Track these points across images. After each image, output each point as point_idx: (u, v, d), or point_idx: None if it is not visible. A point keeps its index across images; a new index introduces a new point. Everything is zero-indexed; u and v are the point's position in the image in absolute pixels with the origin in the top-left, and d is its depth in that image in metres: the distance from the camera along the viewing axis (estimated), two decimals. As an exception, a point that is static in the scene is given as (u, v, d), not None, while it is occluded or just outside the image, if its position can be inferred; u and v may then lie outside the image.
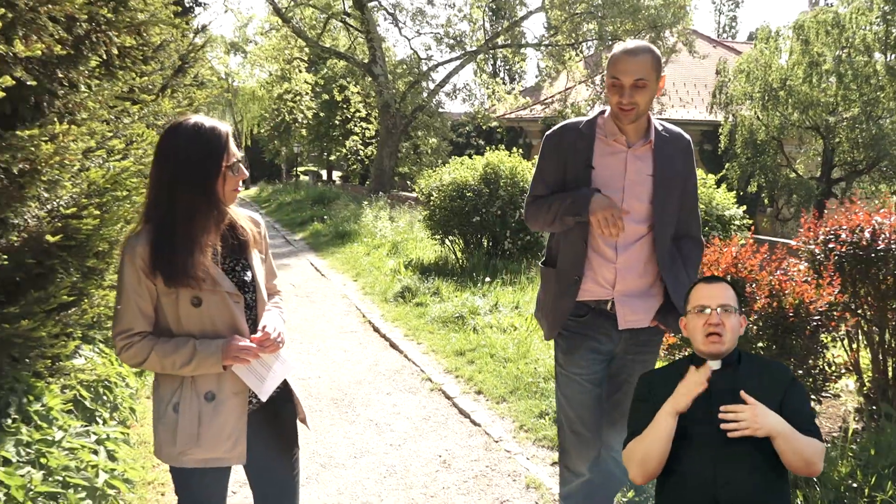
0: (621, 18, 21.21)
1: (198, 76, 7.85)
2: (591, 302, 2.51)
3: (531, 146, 24.66)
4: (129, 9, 3.00)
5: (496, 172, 9.04)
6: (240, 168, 1.99)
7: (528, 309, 6.74)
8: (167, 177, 1.90)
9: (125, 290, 1.92)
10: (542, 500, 3.46)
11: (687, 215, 2.57)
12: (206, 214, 1.92)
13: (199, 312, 1.94)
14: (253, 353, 1.97)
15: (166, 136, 1.93)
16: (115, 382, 3.98)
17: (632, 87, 2.32)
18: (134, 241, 1.92)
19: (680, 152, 2.51)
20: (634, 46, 2.36)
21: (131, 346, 1.92)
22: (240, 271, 2.05)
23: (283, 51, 24.10)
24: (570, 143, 2.47)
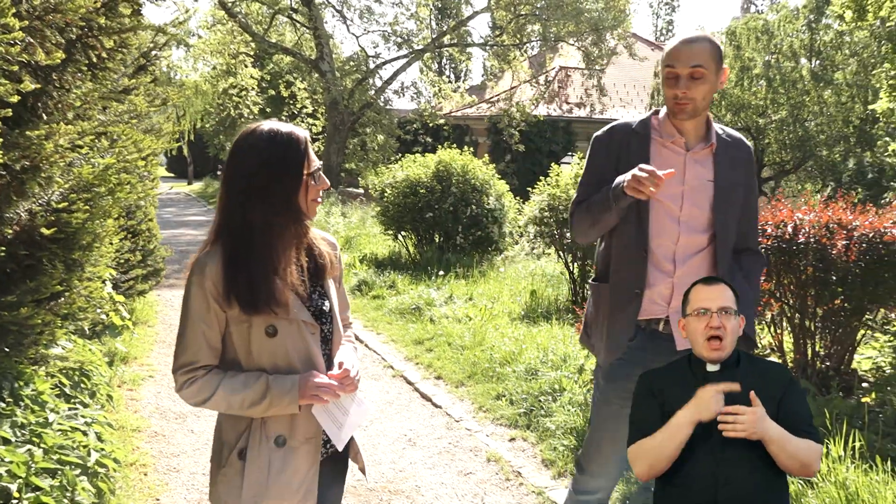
0: (564, 21, 21.77)
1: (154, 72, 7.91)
2: (641, 322, 2.28)
3: (477, 144, 25.06)
4: (118, 14, 3.18)
5: (448, 170, 9.36)
6: (321, 176, 1.79)
7: (480, 300, 7.09)
8: (242, 188, 1.69)
9: (191, 316, 1.71)
10: (501, 472, 3.79)
11: (747, 228, 2.36)
12: (287, 230, 1.72)
13: (274, 343, 1.72)
14: (332, 392, 1.73)
15: (240, 144, 1.73)
16: (91, 370, 4.13)
17: (688, 77, 2.14)
18: (204, 260, 1.71)
19: (742, 160, 2.32)
20: (693, 35, 2.18)
21: (194, 381, 1.71)
22: (317, 299, 1.82)
23: (228, 45, 23.87)
24: (623, 143, 2.29)
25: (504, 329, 5.96)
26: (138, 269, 5.94)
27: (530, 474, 3.73)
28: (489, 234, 9.32)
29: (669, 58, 2.17)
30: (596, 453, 2.41)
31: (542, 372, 4.79)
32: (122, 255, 5.52)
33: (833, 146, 20.52)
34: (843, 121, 20.02)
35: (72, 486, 2.92)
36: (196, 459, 3.92)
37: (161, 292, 7.90)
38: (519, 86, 23.83)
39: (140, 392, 4.89)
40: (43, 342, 3.51)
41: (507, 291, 7.52)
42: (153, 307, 7.21)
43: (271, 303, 1.68)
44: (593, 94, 23.58)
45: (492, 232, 9.34)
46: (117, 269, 5.44)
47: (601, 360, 2.38)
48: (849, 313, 4.30)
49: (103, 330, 5.46)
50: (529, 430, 4.24)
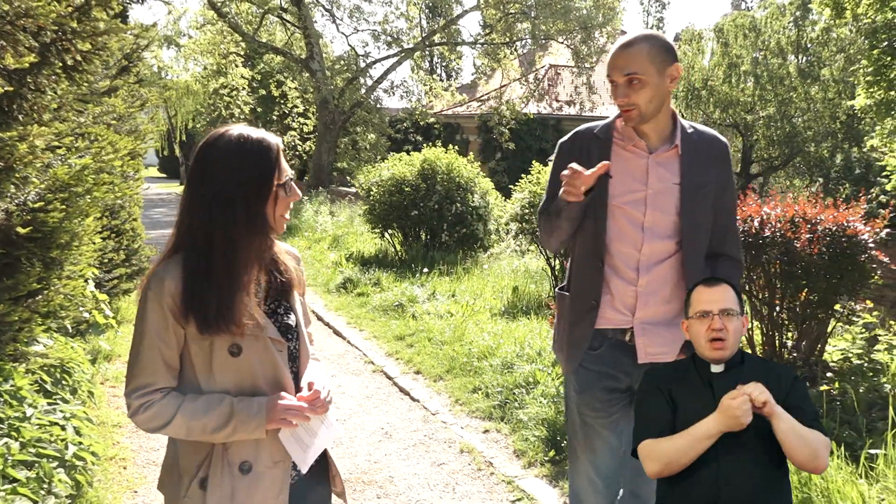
0: (553, 19, 21.86)
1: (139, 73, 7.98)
2: (607, 331, 2.22)
3: (468, 142, 25.18)
4: (91, 18, 3.26)
5: (433, 168, 9.45)
6: (292, 187, 1.67)
7: (463, 297, 7.18)
8: (204, 199, 1.59)
9: (147, 335, 1.58)
10: (473, 462, 3.88)
11: (722, 231, 2.25)
12: (251, 244, 1.61)
13: (238, 363, 1.61)
14: (302, 415, 1.63)
15: (204, 150, 1.63)
16: (72, 367, 4.21)
17: (625, 84, 2.05)
18: (161, 273, 1.59)
19: (713, 158, 2.20)
20: (631, 38, 2.10)
21: (150, 405, 1.58)
22: (282, 314, 1.72)
23: (218, 45, 23.91)
24: (584, 150, 2.21)
25: (484, 325, 6.06)
26: (122, 268, 6.01)
27: (501, 464, 3.82)
28: (474, 231, 9.42)
29: (608, 66, 2.11)
30: (575, 466, 2.37)
31: (518, 365, 4.88)
32: (105, 254, 5.59)
33: (821, 142, 20.69)
34: (830, 117, 20.19)
35: (49, 478, 3.00)
36: (175, 453, 4.00)
37: (147, 291, 7.96)
38: (509, 84, 23.92)
39: (122, 389, 4.95)
40: (22, 339, 3.58)
41: (490, 288, 7.62)
42: (138, 306, 7.27)
43: (232, 322, 1.57)
44: (583, 92, 23.70)
45: (477, 229, 9.44)
46: (100, 268, 5.51)
47: (563, 370, 2.37)
48: (814, 305, 4.40)
49: (87, 328, 5.53)
50: (503, 421, 4.34)
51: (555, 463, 3.74)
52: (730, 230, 2.27)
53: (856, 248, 4.16)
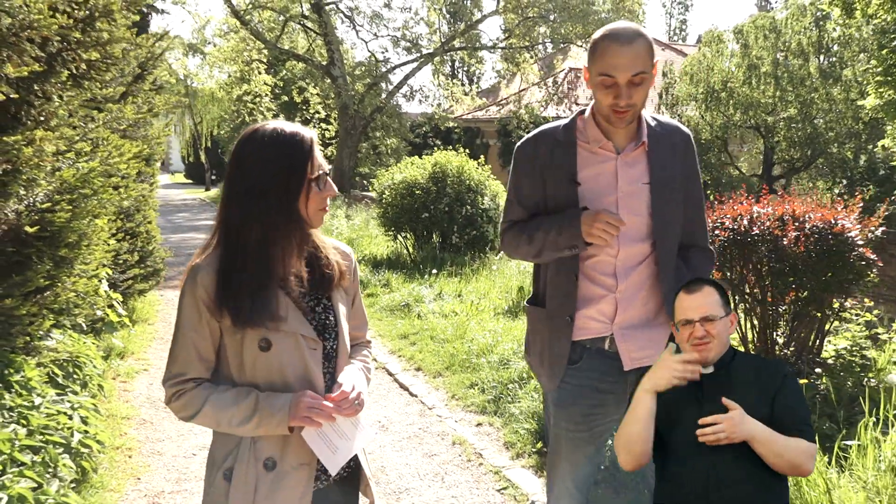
0: (572, 22, 21.93)
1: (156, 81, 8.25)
2: (585, 341, 2.13)
3: (488, 146, 25.32)
4: (95, 29, 3.45)
5: (444, 171, 9.59)
6: (327, 182, 1.66)
7: (469, 296, 7.31)
8: (239, 192, 1.61)
9: (182, 327, 1.62)
10: (464, 453, 4.00)
11: (691, 223, 2.18)
12: (285, 238, 1.61)
13: (267, 358, 1.61)
14: (327, 415, 1.60)
15: (240, 145, 1.64)
16: (84, 362, 4.41)
17: (629, 84, 1.91)
18: (197, 268, 1.62)
19: (678, 150, 2.12)
20: (625, 31, 1.93)
21: (182, 394, 1.61)
22: (321, 312, 1.69)
23: (241, 52, 24.35)
24: (548, 155, 2.10)
25: (486, 323, 6.17)
26: (136, 269, 6.23)
27: (491, 455, 3.94)
28: (484, 233, 9.54)
29: (605, 64, 1.92)
30: (553, 476, 2.29)
31: (514, 362, 5.00)
32: (119, 255, 5.81)
33: (844, 143, 20.46)
34: (853, 118, 19.95)
35: (54, 463, 3.18)
36: (179, 444, 4.18)
37: (164, 292, 8.21)
38: (528, 88, 24.03)
39: (133, 384, 5.17)
40: (34, 333, 3.78)
41: (497, 288, 7.73)
42: (153, 306, 7.52)
43: (264, 316, 1.57)
44: (602, 95, 23.71)
45: (486, 231, 9.56)
46: (115, 268, 5.73)
47: (545, 387, 2.26)
48: (804, 303, 4.45)
49: (102, 327, 5.75)
50: (496, 415, 4.45)
51: (542, 454, 3.85)
52: (698, 222, 2.21)
53: (843, 246, 4.21)
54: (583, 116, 2.13)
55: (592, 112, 2.10)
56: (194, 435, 4.26)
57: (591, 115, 2.10)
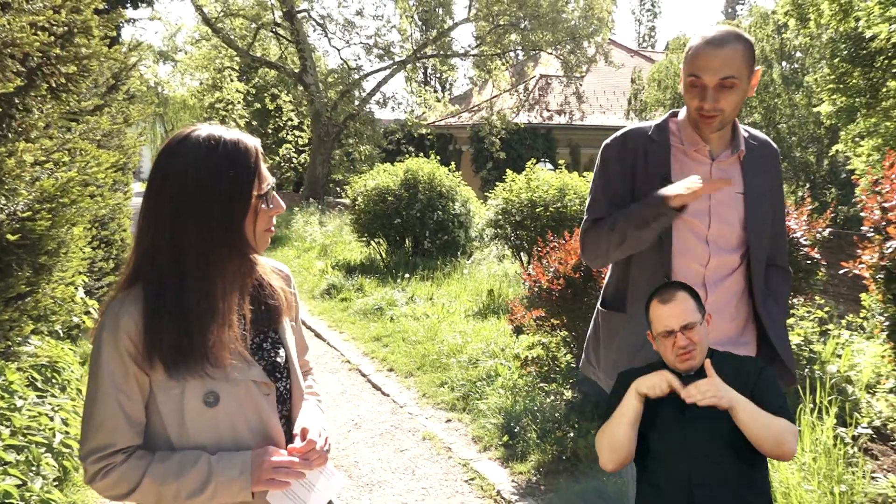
0: (542, 30, 22.28)
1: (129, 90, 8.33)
2: None
3: (461, 152, 25.59)
4: (74, 45, 3.58)
5: (415, 178, 9.79)
6: (275, 198, 1.43)
7: (440, 299, 7.50)
8: (168, 214, 1.34)
9: (102, 385, 1.32)
10: (434, 448, 4.18)
11: (776, 242, 2.11)
12: (228, 267, 1.37)
13: (215, 415, 1.35)
14: (294, 472, 1.38)
15: (167, 155, 1.37)
16: (62, 367, 4.51)
17: (717, 87, 1.84)
18: (116, 309, 1.34)
19: (769, 164, 2.07)
20: (721, 35, 1.86)
21: (110, 470, 1.32)
22: (269, 349, 1.46)
23: (213, 60, 24.37)
24: (639, 150, 2.03)
25: (457, 325, 6.36)
26: (111, 277, 6.32)
27: (459, 449, 4.12)
28: (455, 238, 9.74)
29: (693, 66, 1.86)
30: None
31: (482, 361, 5.19)
32: (94, 263, 5.90)
33: (806, 147, 21.05)
34: (815, 122, 20.53)
35: (37, 462, 3.30)
36: (158, 444, 4.30)
37: (139, 299, 8.29)
38: (500, 95, 24.34)
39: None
40: (14, 338, 3.89)
41: (468, 291, 7.92)
42: (129, 313, 7.60)
43: (206, 363, 1.32)
44: (572, 102, 24.13)
45: (458, 236, 9.76)
46: (90, 275, 5.82)
47: None
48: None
49: (78, 334, 5.84)
50: (465, 412, 4.64)
51: (507, 447, 4.04)
52: (780, 240, 2.14)
53: (790, 247, 4.47)
54: (675, 119, 2.06)
55: (688, 115, 2.00)
56: None
57: (687, 118, 2.00)
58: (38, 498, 3.06)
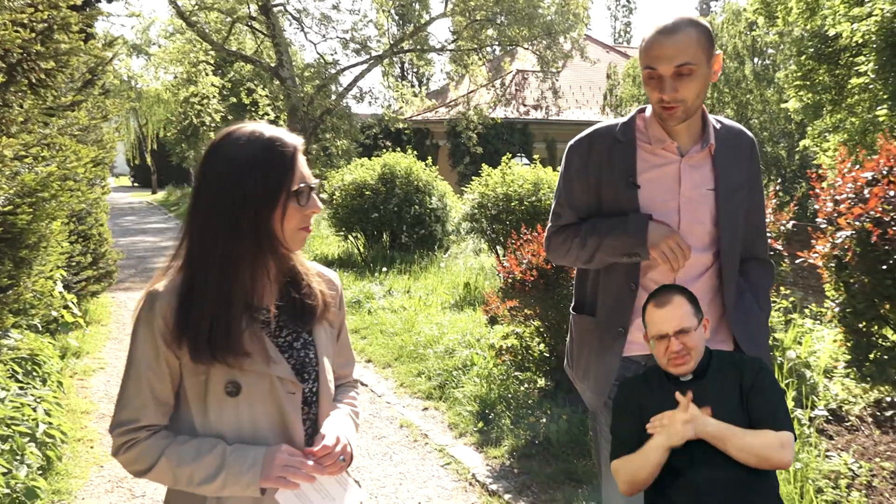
0: (518, 25, 22.41)
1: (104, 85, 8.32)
2: (639, 358, 2.00)
3: (438, 147, 25.68)
4: (54, 41, 3.63)
5: (392, 172, 9.87)
6: (312, 197, 1.42)
7: (417, 292, 7.61)
8: (205, 205, 1.39)
9: (136, 364, 1.39)
10: (411, 434, 4.30)
11: (753, 233, 2.04)
12: (255, 261, 1.40)
13: (236, 405, 1.38)
14: (306, 474, 1.37)
15: (210, 151, 1.42)
16: (43, 360, 4.56)
17: (674, 76, 1.79)
18: (155, 294, 1.39)
19: (744, 155, 1.99)
20: (673, 22, 1.81)
21: (134, 444, 1.37)
22: (299, 349, 1.47)
23: (187, 54, 24.14)
24: (604, 154, 1.97)
25: (434, 317, 6.48)
26: (89, 271, 6.34)
27: (435, 436, 4.25)
28: (432, 232, 9.85)
29: (647, 57, 1.81)
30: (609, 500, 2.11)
31: (458, 351, 5.32)
32: (73, 257, 5.93)
33: (777, 142, 21.45)
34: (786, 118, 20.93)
35: (21, 451, 3.36)
36: (139, 435, 4.37)
37: (115, 294, 8.30)
38: (476, 90, 24.44)
39: (90, 381, 5.32)
40: (-6, 331, 3.94)
41: (445, 284, 8.04)
42: (107, 307, 7.62)
43: (226, 349, 1.34)
44: (548, 97, 24.31)
45: (435, 230, 9.87)
46: (68, 270, 5.85)
47: (589, 404, 2.12)
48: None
49: (57, 328, 5.87)
50: (441, 400, 4.77)
51: (482, 433, 4.17)
52: (759, 231, 2.07)
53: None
54: (643, 115, 2.00)
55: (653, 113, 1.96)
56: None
57: (653, 114, 1.95)
58: (24, 485, 3.13)
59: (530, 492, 3.51)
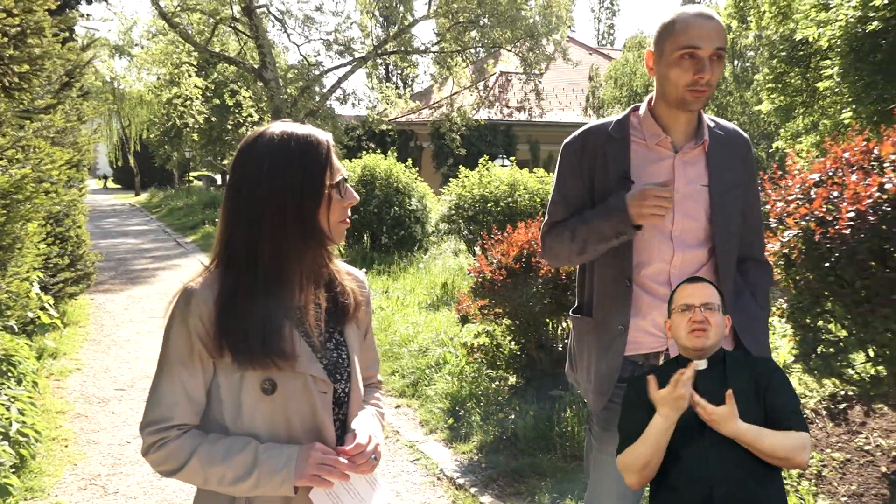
0: (501, 28, 22.55)
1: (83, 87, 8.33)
2: (637, 357, 1.98)
3: (422, 148, 25.78)
4: (28, 45, 3.68)
5: (372, 174, 9.95)
6: (348, 189, 1.45)
7: (395, 293, 7.69)
8: (246, 205, 1.39)
9: (169, 362, 1.38)
10: (382, 432, 4.38)
11: (750, 233, 2.05)
12: (305, 258, 1.41)
13: (271, 403, 1.37)
14: (340, 472, 1.37)
15: (244, 152, 1.43)
16: (18, 360, 4.60)
17: (710, 59, 1.79)
18: (191, 292, 1.38)
19: (739, 154, 2.00)
20: (706, 10, 1.84)
21: (165, 443, 1.35)
22: (332, 349, 1.46)
23: (170, 55, 24.07)
24: (598, 151, 1.98)
25: (410, 317, 6.57)
26: (67, 273, 6.37)
27: (407, 432, 4.33)
28: (412, 233, 9.94)
29: (688, 36, 1.79)
30: None
31: (432, 349, 5.41)
32: (50, 259, 5.96)
33: (757, 144, 21.70)
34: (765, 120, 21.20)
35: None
36: (114, 434, 4.42)
37: (94, 296, 8.32)
38: (460, 92, 24.56)
39: (66, 382, 5.36)
40: (-32, 331, 3.98)
41: (423, 285, 8.13)
42: (84, 309, 7.64)
43: (274, 353, 1.34)
44: (531, 99, 24.47)
45: (415, 231, 9.96)
46: (45, 271, 5.88)
47: (592, 406, 2.09)
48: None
49: (34, 329, 5.89)
50: (414, 398, 4.85)
51: (452, 429, 4.26)
52: (756, 232, 2.08)
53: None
54: (637, 113, 2.01)
55: (650, 106, 1.97)
56: (129, 426, 4.52)
57: (649, 109, 1.96)
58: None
59: (496, 485, 3.61)
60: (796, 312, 2.98)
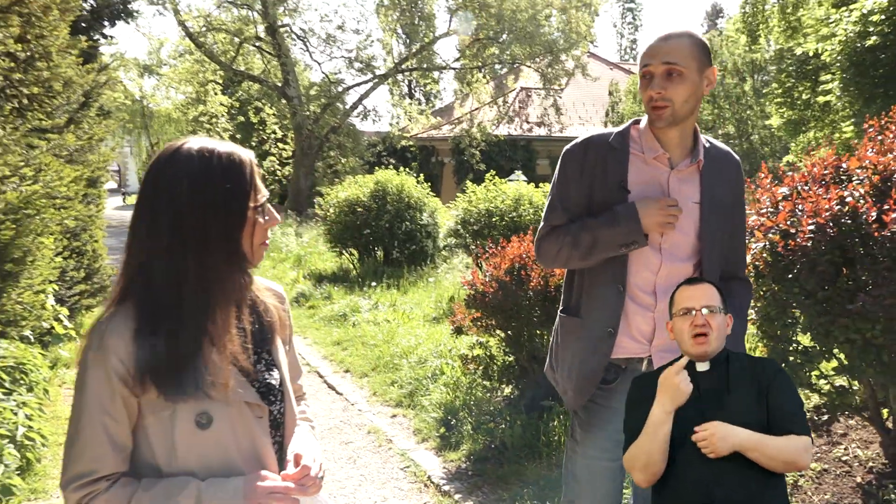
0: (520, 44, 22.74)
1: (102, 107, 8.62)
2: (621, 361, 2.06)
3: (443, 164, 25.98)
4: (36, 69, 3.91)
5: (384, 189, 10.12)
6: (270, 211, 1.40)
7: (402, 305, 7.82)
8: (163, 230, 1.30)
9: (87, 408, 1.27)
10: (377, 440, 4.49)
11: (735, 253, 2.14)
12: (227, 283, 1.34)
13: (207, 437, 1.31)
14: (288, 498, 1.34)
15: (159, 168, 1.33)
16: (30, 369, 4.80)
17: (663, 75, 1.89)
18: (104, 328, 1.28)
19: (730, 175, 2.08)
20: (672, 31, 1.95)
21: (92, 498, 1.27)
22: (262, 371, 1.41)
23: (196, 74, 24.68)
24: (598, 160, 2.04)
25: (413, 329, 6.68)
26: (83, 286, 6.60)
27: (400, 441, 4.44)
28: (423, 247, 10.07)
29: (644, 55, 1.94)
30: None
31: (430, 360, 5.52)
32: (66, 272, 6.19)
33: (779, 158, 21.54)
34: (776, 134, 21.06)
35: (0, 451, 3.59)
36: (119, 440, 4.59)
37: (113, 308, 8.56)
38: (480, 107, 24.77)
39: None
40: (-19, 340, 4.18)
41: (431, 298, 8.24)
42: (102, 321, 7.88)
43: (205, 384, 1.27)
44: (551, 114, 24.58)
45: (426, 246, 10.10)
46: (61, 284, 6.11)
47: (569, 404, 2.16)
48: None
49: (50, 339, 6.12)
50: (410, 408, 4.96)
51: (443, 438, 4.36)
52: (740, 252, 2.17)
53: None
54: (637, 126, 2.08)
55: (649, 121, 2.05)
56: None
57: (648, 124, 2.04)
58: (0, 484, 3.35)
59: (480, 492, 3.69)
60: (765, 323, 3.04)
